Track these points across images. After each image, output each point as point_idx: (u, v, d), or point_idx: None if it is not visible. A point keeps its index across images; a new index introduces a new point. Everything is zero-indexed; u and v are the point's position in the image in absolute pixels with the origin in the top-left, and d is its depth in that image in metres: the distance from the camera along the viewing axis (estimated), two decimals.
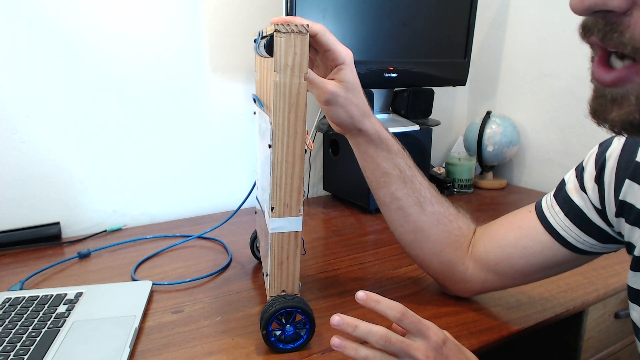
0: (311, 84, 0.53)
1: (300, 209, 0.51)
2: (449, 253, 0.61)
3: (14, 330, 0.55)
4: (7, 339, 0.53)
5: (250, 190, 0.70)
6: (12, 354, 0.50)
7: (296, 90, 0.47)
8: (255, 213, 0.79)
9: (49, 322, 0.57)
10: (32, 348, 0.51)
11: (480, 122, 1.27)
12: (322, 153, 1.19)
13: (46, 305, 0.61)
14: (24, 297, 0.63)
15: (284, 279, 0.53)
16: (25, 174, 0.88)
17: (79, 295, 0.64)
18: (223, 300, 0.65)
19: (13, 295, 0.64)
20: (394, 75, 1.04)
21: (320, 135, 1.18)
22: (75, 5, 0.86)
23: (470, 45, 1.14)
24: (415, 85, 1.10)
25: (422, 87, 1.11)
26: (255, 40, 0.52)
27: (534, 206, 0.57)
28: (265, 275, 0.58)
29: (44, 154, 0.89)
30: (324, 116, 0.74)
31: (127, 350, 0.51)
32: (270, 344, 0.52)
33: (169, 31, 0.96)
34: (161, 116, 0.99)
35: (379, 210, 0.64)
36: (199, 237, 0.88)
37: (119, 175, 0.97)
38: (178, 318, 0.60)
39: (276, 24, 0.45)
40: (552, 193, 0.56)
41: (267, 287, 0.55)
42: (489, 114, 1.28)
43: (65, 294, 0.64)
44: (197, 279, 0.71)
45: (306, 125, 0.49)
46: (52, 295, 0.64)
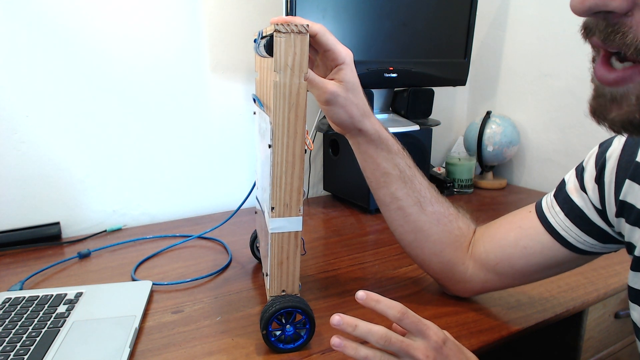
0: (311, 84, 0.53)
1: (300, 209, 0.51)
2: (449, 253, 0.61)
3: (14, 330, 0.55)
4: (7, 339, 0.53)
5: (250, 190, 0.70)
6: (12, 354, 0.50)
7: (296, 90, 0.47)
8: (255, 213, 0.79)
9: (49, 322, 0.57)
10: (32, 348, 0.51)
11: (480, 122, 1.27)
12: (322, 153, 1.19)
13: (46, 305, 0.61)
14: (24, 297, 0.63)
15: (284, 279, 0.53)
16: (25, 174, 0.88)
17: (79, 295, 0.64)
18: (223, 300, 0.65)
19: (13, 295, 0.64)
20: (394, 75, 1.04)
21: (320, 135, 1.18)
22: (75, 5, 0.86)
23: (470, 45, 1.14)
24: (415, 85, 1.10)
25: (422, 87, 1.11)
26: (255, 40, 0.52)
27: (534, 206, 0.57)
28: (265, 275, 0.58)
29: (44, 154, 0.89)
30: (324, 116, 0.74)
31: (127, 350, 0.51)
32: (270, 344, 0.52)
33: (169, 31, 0.96)
34: (161, 116, 0.99)
35: (379, 210, 0.64)
36: (199, 237, 0.88)
37: (119, 175, 0.97)
38: (178, 318, 0.60)
39: (276, 24, 0.45)
40: (552, 193, 0.56)
41: (267, 287, 0.55)
42: (489, 114, 1.28)
43: (65, 294, 0.64)
44: (197, 279, 0.71)
45: (306, 125, 0.49)
46: (52, 295, 0.64)
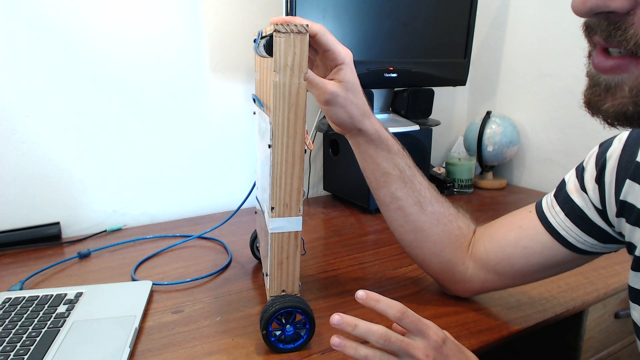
0: (311, 84, 0.53)
1: (300, 209, 0.51)
2: (449, 253, 0.61)
3: (14, 330, 0.55)
4: (7, 339, 0.53)
5: (250, 190, 0.70)
6: (12, 354, 0.50)
7: (296, 90, 0.47)
8: (255, 213, 0.79)
9: (49, 322, 0.57)
10: (32, 348, 0.51)
11: (480, 122, 1.27)
12: (322, 153, 1.19)
13: (46, 305, 0.61)
14: (24, 297, 0.63)
15: (284, 279, 0.53)
16: (25, 174, 0.88)
17: (79, 295, 0.64)
18: (223, 300, 0.65)
19: (13, 295, 0.64)
20: (394, 75, 1.04)
21: (320, 135, 1.18)
22: (75, 5, 0.86)
23: (470, 45, 1.14)
24: (415, 85, 1.10)
25: (422, 87, 1.11)
26: (255, 40, 0.52)
27: (534, 206, 0.57)
28: (265, 275, 0.58)
29: (44, 154, 0.89)
30: (324, 116, 0.74)
31: (127, 350, 0.51)
32: (270, 344, 0.52)
33: (169, 31, 0.96)
34: (161, 116, 0.99)
35: (379, 210, 0.64)
36: (199, 237, 0.88)
37: (119, 175, 0.97)
38: (178, 318, 0.60)
39: (276, 24, 0.45)
40: (553, 193, 0.56)
41: (267, 287, 0.55)
42: (489, 114, 1.28)
43: (65, 294, 0.64)
44: (197, 279, 0.71)
45: (306, 125, 0.49)
46: (52, 295, 0.64)
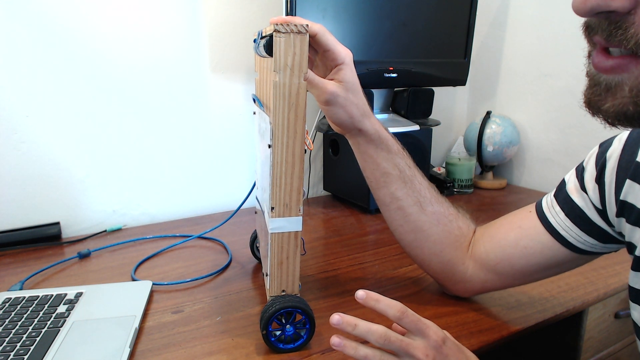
0: (311, 84, 0.53)
1: (300, 209, 0.51)
2: (449, 253, 0.61)
3: (14, 330, 0.55)
4: (7, 339, 0.53)
5: (250, 190, 0.70)
6: (12, 354, 0.50)
7: (296, 90, 0.47)
8: (255, 213, 0.79)
9: (49, 322, 0.57)
10: (32, 348, 0.51)
11: (480, 122, 1.27)
12: (322, 153, 1.19)
13: (46, 305, 0.61)
14: (24, 297, 0.63)
15: (284, 279, 0.53)
16: (25, 174, 0.88)
17: (79, 295, 0.64)
18: (223, 300, 0.65)
19: (13, 295, 0.64)
20: (394, 75, 1.04)
21: (320, 135, 1.18)
22: (75, 5, 0.86)
23: (470, 45, 1.14)
24: (415, 85, 1.10)
25: (422, 87, 1.11)
26: (255, 40, 0.52)
27: (534, 206, 0.57)
28: (265, 275, 0.58)
29: (44, 154, 0.89)
30: (324, 116, 0.74)
31: (127, 350, 0.51)
32: (270, 344, 0.52)
33: (169, 31, 0.96)
34: (161, 116, 0.99)
35: (379, 210, 0.64)
36: (199, 237, 0.88)
37: (119, 175, 0.97)
38: (178, 318, 0.60)
39: (276, 24, 0.45)
40: (553, 193, 0.56)
41: (267, 287, 0.55)
42: (489, 114, 1.28)
43: (65, 294, 0.64)
44: (197, 279, 0.71)
45: (306, 125, 0.49)
46: (52, 295, 0.64)
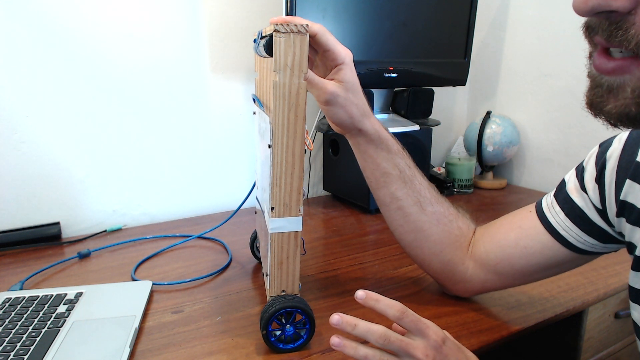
0: (311, 84, 0.53)
1: (300, 209, 0.51)
2: (449, 253, 0.61)
3: (14, 330, 0.55)
4: (7, 339, 0.53)
5: (250, 190, 0.70)
6: (12, 354, 0.50)
7: (296, 90, 0.47)
8: (255, 213, 0.79)
9: (49, 322, 0.57)
10: (32, 348, 0.51)
11: (480, 122, 1.27)
12: (322, 153, 1.19)
13: (46, 305, 0.61)
14: (24, 297, 0.63)
15: (284, 279, 0.53)
16: (25, 174, 0.88)
17: (79, 295, 0.64)
18: (223, 300, 0.65)
19: (13, 295, 0.64)
20: (394, 75, 1.04)
21: (320, 135, 1.18)
22: (75, 5, 0.86)
23: (470, 45, 1.14)
24: (415, 85, 1.10)
25: (422, 87, 1.11)
26: (255, 40, 0.52)
27: (534, 206, 0.57)
28: (265, 275, 0.58)
29: (44, 154, 0.89)
30: (324, 116, 0.74)
31: (127, 350, 0.51)
32: (270, 344, 0.52)
33: (169, 31, 0.96)
34: (161, 116, 0.99)
35: (379, 210, 0.64)
36: (199, 237, 0.88)
37: (119, 175, 0.97)
38: (178, 318, 0.60)
39: (275, 24, 0.45)
40: (553, 193, 0.56)
41: (267, 287, 0.55)
42: (489, 114, 1.28)
43: (65, 294, 0.64)
44: (197, 279, 0.71)
45: (306, 125, 0.49)
46: (52, 295, 0.64)
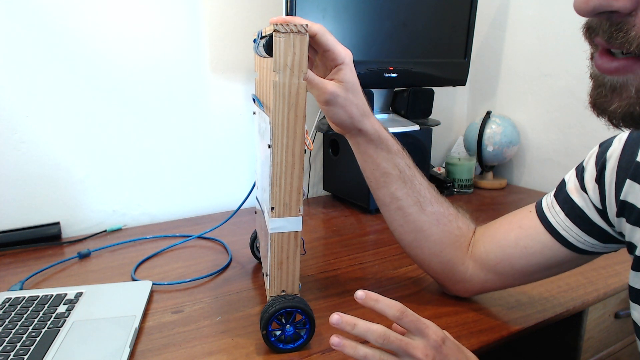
0: (311, 84, 0.53)
1: (300, 209, 0.51)
2: (449, 253, 0.60)
3: (14, 330, 0.55)
4: (7, 339, 0.53)
5: (250, 190, 0.70)
6: (12, 354, 0.50)
7: (295, 90, 0.47)
8: (255, 213, 0.79)
9: (49, 322, 0.57)
10: (32, 348, 0.51)
11: (480, 122, 1.27)
12: (322, 153, 1.19)
13: (46, 305, 0.61)
14: (24, 297, 0.63)
15: (284, 279, 0.53)
16: (25, 174, 0.88)
17: (79, 295, 0.64)
18: (223, 300, 0.65)
19: (13, 295, 0.64)
20: (394, 75, 1.04)
21: (320, 135, 1.18)
22: (75, 5, 0.86)
23: (470, 45, 1.14)
24: (415, 85, 1.10)
25: (422, 87, 1.11)
26: (254, 40, 0.52)
27: (534, 206, 0.57)
28: (265, 275, 0.58)
29: (44, 154, 0.89)
30: (324, 116, 0.74)
31: (127, 350, 0.51)
32: (270, 344, 0.52)
33: (169, 31, 0.96)
34: (161, 116, 0.99)
35: (379, 210, 0.64)
36: (199, 237, 0.88)
37: (119, 175, 0.97)
38: (178, 318, 0.60)
39: (275, 24, 0.45)
40: (553, 193, 0.56)
41: (267, 287, 0.55)
42: (489, 114, 1.28)
43: (65, 294, 0.64)
44: (197, 279, 0.71)
45: (306, 125, 0.49)
46: (52, 295, 0.64)
